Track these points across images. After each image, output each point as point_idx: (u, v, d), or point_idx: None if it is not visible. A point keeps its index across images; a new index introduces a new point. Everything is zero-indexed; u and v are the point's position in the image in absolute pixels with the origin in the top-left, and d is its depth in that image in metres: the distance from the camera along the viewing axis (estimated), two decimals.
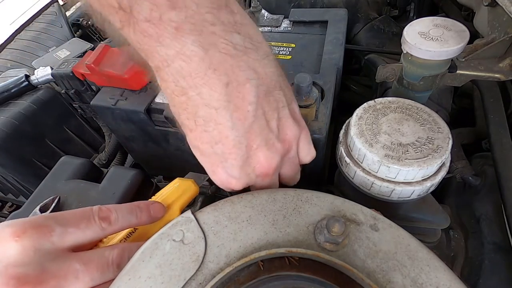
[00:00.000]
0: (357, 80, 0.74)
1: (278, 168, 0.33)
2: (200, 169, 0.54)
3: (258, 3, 0.59)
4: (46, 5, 0.99)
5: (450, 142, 0.33)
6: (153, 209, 0.34)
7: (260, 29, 0.56)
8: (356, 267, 0.26)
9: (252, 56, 0.27)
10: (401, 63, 0.41)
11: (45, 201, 0.40)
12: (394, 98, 0.38)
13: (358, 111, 0.37)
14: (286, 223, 0.29)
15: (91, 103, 0.49)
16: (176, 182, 0.38)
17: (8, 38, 0.90)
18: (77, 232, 0.29)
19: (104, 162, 0.72)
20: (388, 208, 0.38)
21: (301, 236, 0.28)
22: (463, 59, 0.39)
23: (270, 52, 0.29)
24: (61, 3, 1.06)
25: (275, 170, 0.32)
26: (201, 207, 0.41)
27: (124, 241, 0.33)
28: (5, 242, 0.26)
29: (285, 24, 0.56)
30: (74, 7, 1.15)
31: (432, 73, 0.39)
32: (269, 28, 0.56)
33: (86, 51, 0.70)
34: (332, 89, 0.43)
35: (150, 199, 0.36)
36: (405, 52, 0.39)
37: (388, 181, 0.34)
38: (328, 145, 0.53)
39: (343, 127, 0.40)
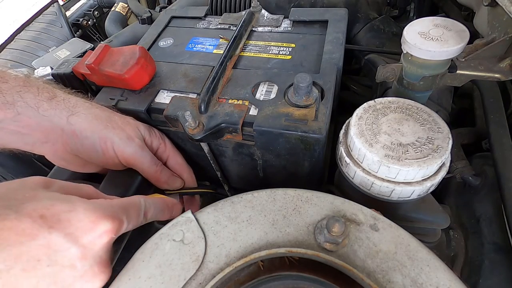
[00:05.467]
0: (357, 80, 0.74)
1: None
2: (200, 169, 0.54)
3: (258, 3, 0.59)
4: (46, 5, 0.99)
5: (450, 142, 0.33)
6: (175, 209, 0.39)
7: (260, 29, 0.56)
8: (356, 267, 0.26)
9: None
10: (401, 63, 0.41)
11: None
12: (394, 98, 0.38)
13: (358, 111, 0.37)
14: (286, 223, 0.29)
15: None
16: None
17: (8, 38, 0.90)
18: (131, 225, 0.31)
19: None
20: (388, 208, 0.38)
21: (301, 236, 0.28)
22: (463, 59, 0.39)
23: None
24: (61, 3, 1.06)
25: None
26: (201, 207, 0.41)
27: None
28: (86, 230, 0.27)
29: (285, 24, 0.56)
30: (74, 7, 1.15)
31: (432, 73, 0.39)
32: (269, 28, 0.56)
33: (86, 51, 0.70)
34: (332, 89, 0.43)
35: None
36: (405, 52, 0.39)
37: (388, 181, 0.34)
38: (328, 145, 0.53)
39: (343, 127, 0.40)
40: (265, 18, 0.58)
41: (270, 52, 0.51)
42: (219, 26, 0.58)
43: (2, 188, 0.27)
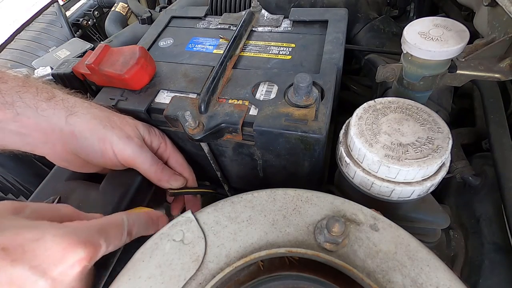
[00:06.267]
0: (357, 80, 0.74)
1: None
2: (200, 169, 0.54)
3: (258, 3, 0.59)
4: (46, 5, 0.99)
5: (450, 142, 0.33)
6: (161, 223, 0.37)
7: (260, 29, 0.56)
8: (356, 267, 0.26)
9: None
10: (401, 63, 0.41)
11: (45, 201, 0.40)
12: (394, 98, 0.38)
13: (358, 111, 0.37)
14: (286, 223, 0.29)
15: None
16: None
17: (8, 38, 0.90)
18: (112, 247, 0.29)
19: None
20: (388, 208, 0.38)
21: (301, 236, 0.28)
22: (463, 59, 0.39)
23: None
24: (61, 3, 1.06)
25: None
26: (201, 207, 0.41)
27: None
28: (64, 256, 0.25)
29: (285, 24, 0.56)
30: (74, 7, 1.15)
31: (432, 73, 0.39)
32: (269, 28, 0.56)
33: (86, 51, 0.70)
34: (332, 89, 0.43)
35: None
36: (405, 52, 0.39)
37: (388, 181, 0.34)
38: (328, 145, 0.53)
39: (343, 127, 0.40)
40: (265, 18, 0.58)
41: (270, 52, 0.51)
42: (219, 26, 0.59)
43: None
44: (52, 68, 0.60)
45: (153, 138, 0.45)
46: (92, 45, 0.72)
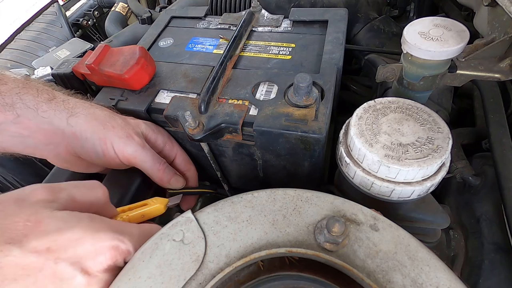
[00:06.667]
0: (357, 80, 0.74)
1: None
2: (200, 169, 0.54)
3: (258, 3, 0.59)
4: (46, 5, 0.99)
5: (450, 142, 0.33)
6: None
7: (260, 29, 0.56)
8: (356, 267, 0.26)
9: None
10: (401, 63, 0.41)
11: None
12: (394, 98, 0.38)
13: (358, 111, 0.37)
14: (286, 223, 0.29)
15: None
16: (146, 203, 0.40)
17: (8, 38, 0.90)
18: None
19: None
20: (388, 208, 0.38)
21: (301, 236, 0.28)
22: (463, 59, 0.39)
23: None
24: (61, 3, 1.06)
25: None
26: (201, 207, 0.41)
27: None
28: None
29: (285, 24, 0.56)
30: (74, 7, 1.15)
31: (432, 73, 0.39)
32: (269, 28, 0.56)
33: (86, 51, 0.70)
34: (332, 89, 0.43)
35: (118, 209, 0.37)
36: (405, 52, 0.39)
37: (388, 181, 0.34)
38: (328, 145, 0.53)
39: (343, 127, 0.40)
40: (265, 18, 0.58)
41: (270, 52, 0.51)
42: (219, 26, 0.59)
43: None
44: (52, 68, 0.60)
45: (158, 136, 0.45)
46: (92, 45, 0.72)
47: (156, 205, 0.40)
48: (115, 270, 0.28)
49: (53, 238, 0.25)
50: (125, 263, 0.29)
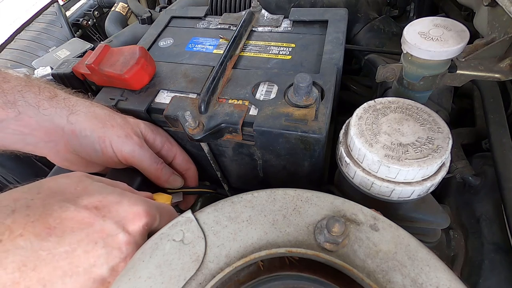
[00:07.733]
0: (357, 80, 0.74)
1: None
2: (200, 169, 0.54)
3: (258, 3, 0.59)
4: (46, 5, 0.99)
5: (450, 142, 0.33)
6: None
7: (260, 29, 0.56)
8: (356, 267, 0.26)
9: None
10: (401, 63, 0.41)
11: None
12: (394, 98, 0.38)
13: (358, 111, 0.37)
14: (286, 223, 0.29)
15: None
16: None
17: (8, 38, 0.90)
18: (160, 227, 0.32)
19: None
20: (388, 208, 0.38)
21: (301, 236, 0.28)
22: (463, 59, 0.39)
23: None
24: (61, 3, 1.06)
25: None
26: (201, 207, 0.41)
27: None
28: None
29: (285, 24, 0.56)
30: (74, 7, 1.15)
31: (432, 73, 0.39)
32: (269, 28, 0.56)
33: (86, 51, 0.70)
34: (332, 89, 0.43)
35: None
36: (405, 52, 0.39)
37: (388, 181, 0.34)
38: (328, 145, 0.53)
39: (343, 127, 0.40)
40: (265, 18, 0.58)
41: (270, 52, 0.51)
42: (219, 26, 0.59)
43: (53, 184, 0.30)
44: (52, 68, 0.60)
45: (157, 137, 0.45)
46: (92, 45, 0.72)
47: (161, 200, 0.40)
48: (145, 237, 0.32)
49: (99, 199, 0.30)
50: (149, 236, 0.31)
